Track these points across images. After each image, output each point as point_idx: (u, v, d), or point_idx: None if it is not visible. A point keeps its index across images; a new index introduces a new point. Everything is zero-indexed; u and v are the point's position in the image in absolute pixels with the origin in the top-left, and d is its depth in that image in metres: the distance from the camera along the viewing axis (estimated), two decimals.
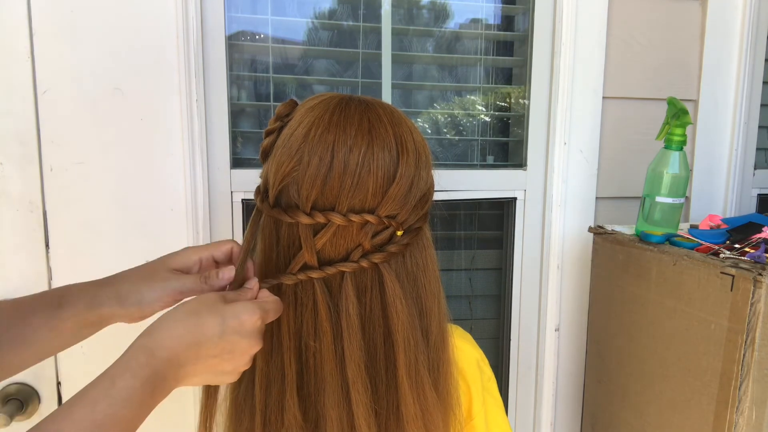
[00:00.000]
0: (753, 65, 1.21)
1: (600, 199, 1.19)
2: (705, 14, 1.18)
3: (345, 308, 0.58)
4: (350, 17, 1.14)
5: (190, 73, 0.95)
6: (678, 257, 0.86)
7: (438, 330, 0.63)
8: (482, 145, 1.25)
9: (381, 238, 0.60)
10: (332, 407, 0.58)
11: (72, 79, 0.91)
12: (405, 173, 0.58)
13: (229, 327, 0.52)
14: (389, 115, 0.60)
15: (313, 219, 0.57)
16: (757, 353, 0.75)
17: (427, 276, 0.63)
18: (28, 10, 0.88)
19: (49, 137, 0.91)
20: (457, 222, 1.27)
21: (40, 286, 0.93)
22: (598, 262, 1.07)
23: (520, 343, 1.24)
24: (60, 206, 0.93)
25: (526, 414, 1.27)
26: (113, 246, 0.95)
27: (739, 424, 0.77)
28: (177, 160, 0.96)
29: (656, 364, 0.92)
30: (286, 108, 0.63)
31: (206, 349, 0.51)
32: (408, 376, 0.59)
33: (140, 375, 0.46)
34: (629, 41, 1.15)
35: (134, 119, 0.94)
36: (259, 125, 1.13)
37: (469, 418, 0.70)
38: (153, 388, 0.47)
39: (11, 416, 0.91)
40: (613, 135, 1.17)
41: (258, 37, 1.11)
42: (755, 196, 1.34)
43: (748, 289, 0.74)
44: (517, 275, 1.23)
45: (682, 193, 0.95)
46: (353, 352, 0.58)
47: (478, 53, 1.22)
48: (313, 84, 1.15)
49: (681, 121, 0.93)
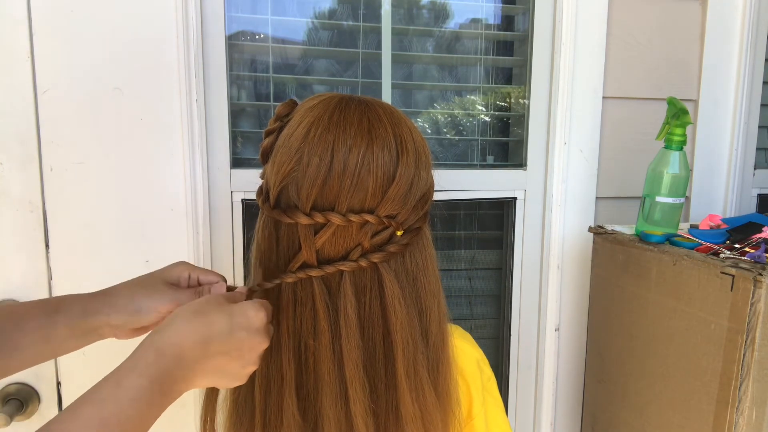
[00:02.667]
0: (753, 65, 1.21)
1: (600, 199, 1.19)
2: (705, 14, 1.18)
3: (343, 307, 0.58)
4: (350, 17, 1.14)
5: (190, 73, 0.95)
6: (678, 257, 0.86)
7: (438, 330, 0.63)
8: (482, 145, 1.25)
9: (380, 237, 0.60)
10: (330, 407, 0.58)
11: (72, 79, 0.91)
12: (405, 173, 0.58)
13: (237, 323, 0.52)
14: (389, 115, 0.60)
15: (312, 219, 0.57)
16: (757, 353, 0.75)
17: (427, 276, 0.63)
18: (28, 10, 0.88)
19: (49, 137, 0.91)
20: (457, 222, 1.27)
21: (40, 286, 0.93)
22: (598, 262, 1.07)
23: (520, 343, 1.24)
24: (60, 206, 0.93)
25: (526, 414, 1.27)
26: (113, 246, 0.95)
27: (739, 424, 0.77)
28: (177, 160, 0.96)
29: (656, 364, 0.91)
30: (285, 108, 0.63)
31: (215, 346, 0.50)
32: (407, 375, 0.59)
33: (148, 374, 0.46)
34: (629, 41, 1.15)
35: (134, 119, 0.94)
36: (259, 125, 1.13)
37: (469, 418, 0.70)
38: (161, 387, 0.46)
39: (11, 416, 0.91)
40: (613, 135, 1.17)
41: (258, 37, 1.10)
42: (755, 196, 1.34)
43: (748, 289, 0.74)
44: (517, 275, 1.23)
45: (682, 193, 0.95)
46: (351, 351, 0.58)
47: (478, 53, 1.22)
48: (313, 84, 1.15)
49: (681, 121, 0.93)
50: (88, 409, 0.43)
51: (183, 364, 0.48)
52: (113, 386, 0.44)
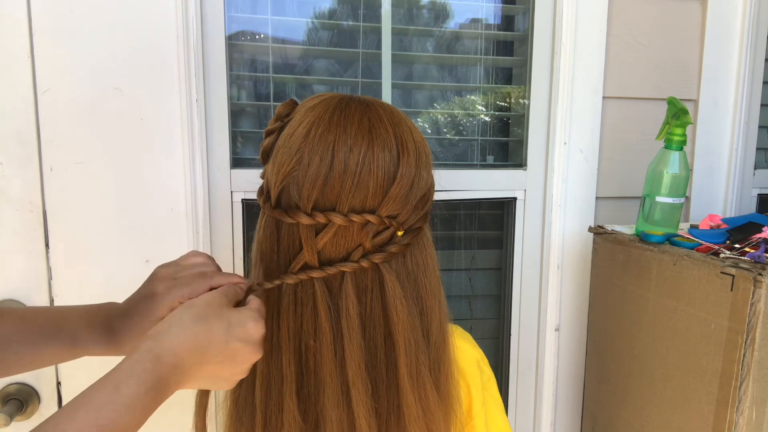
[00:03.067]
0: (753, 65, 1.21)
1: (600, 199, 1.19)
2: (705, 14, 1.18)
3: (345, 308, 0.58)
4: (350, 17, 1.14)
5: (190, 73, 0.95)
6: (678, 257, 0.86)
7: (439, 330, 0.63)
8: (482, 145, 1.25)
9: (381, 238, 0.60)
10: (332, 408, 0.58)
11: (72, 79, 0.91)
12: (406, 173, 0.58)
13: (234, 334, 0.52)
14: (389, 114, 0.60)
15: (313, 219, 0.57)
16: (757, 353, 0.75)
17: (428, 276, 0.63)
18: (28, 10, 0.88)
19: (49, 137, 0.91)
20: (457, 222, 1.27)
21: (40, 286, 0.93)
22: (598, 262, 1.07)
23: (520, 343, 1.24)
24: (60, 206, 0.93)
25: (526, 414, 1.27)
26: (113, 246, 0.95)
27: (739, 424, 0.77)
28: (177, 160, 0.96)
29: (656, 364, 0.91)
30: (286, 108, 0.63)
31: (211, 356, 0.51)
32: (409, 376, 0.59)
33: (145, 381, 0.46)
34: (629, 41, 1.15)
35: (134, 119, 0.93)
36: (259, 125, 1.13)
37: (469, 418, 0.70)
38: (156, 393, 0.47)
39: (11, 416, 0.91)
40: (613, 135, 1.17)
41: (258, 37, 1.10)
42: (755, 196, 1.34)
43: (748, 289, 0.74)
44: (517, 275, 1.23)
45: (682, 192, 0.95)
46: (353, 352, 0.58)
47: (478, 53, 1.22)
48: (313, 84, 1.15)
49: (681, 120, 0.93)
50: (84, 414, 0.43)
51: (179, 370, 0.49)
52: (111, 391, 0.44)
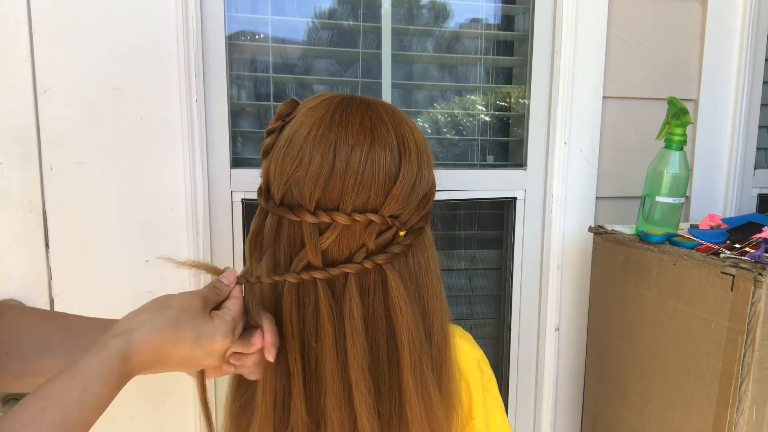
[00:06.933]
0: (753, 65, 1.21)
1: (600, 199, 1.19)
2: (705, 14, 1.18)
3: (348, 310, 0.58)
4: (350, 17, 1.14)
5: (190, 73, 0.95)
6: (678, 257, 0.86)
7: (440, 330, 0.63)
8: (482, 145, 1.25)
9: (384, 238, 0.59)
10: (334, 409, 0.58)
11: (72, 79, 0.90)
12: (407, 172, 0.58)
13: (200, 345, 0.52)
14: (390, 114, 0.60)
15: (317, 218, 0.57)
16: (757, 353, 0.75)
17: (429, 276, 0.63)
18: (28, 10, 0.88)
19: (49, 137, 0.91)
20: (457, 222, 1.27)
21: (40, 286, 0.93)
22: (598, 262, 1.07)
23: (520, 343, 1.24)
24: (60, 206, 0.92)
25: (526, 414, 1.27)
26: (113, 246, 0.95)
27: (739, 424, 0.77)
28: (177, 160, 0.96)
29: (656, 364, 0.92)
30: (287, 107, 0.63)
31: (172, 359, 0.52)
32: (413, 376, 0.59)
33: (111, 381, 0.46)
34: (629, 41, 1.15)
35: (134, 119, 0.93)
36: (259, 125, 1.13)
37: (470, 417, 0.70)
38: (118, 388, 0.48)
39: None
40: (613, 135, 1.17)
41: (258, 37, 1.10)
42: (755, 196, 1.34)
43: (748, 289, 0.74)
44: (517, 275, 1.23)
45: (682, 192, 0.95)
46: (357, 354, 0.57)
47: (478, 53, 1.22)
48: (313, 84, 1.15)
49: (681, 120, 0.93)
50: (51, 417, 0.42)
51: (141, 368, 0.50)
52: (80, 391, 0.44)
